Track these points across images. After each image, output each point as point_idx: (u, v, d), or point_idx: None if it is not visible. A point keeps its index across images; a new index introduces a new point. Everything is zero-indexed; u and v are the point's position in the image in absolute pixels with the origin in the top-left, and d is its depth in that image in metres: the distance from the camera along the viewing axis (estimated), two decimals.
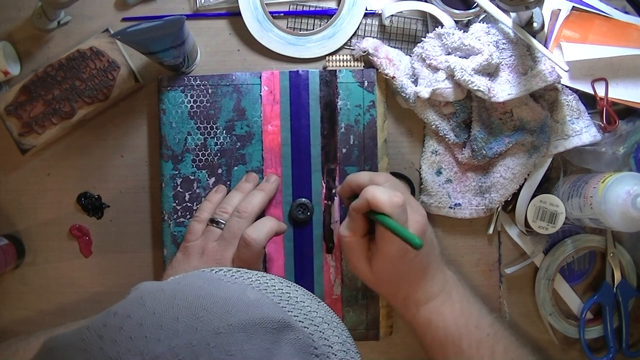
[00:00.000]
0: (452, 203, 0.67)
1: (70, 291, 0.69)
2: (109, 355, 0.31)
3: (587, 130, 0.63)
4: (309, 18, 0.68)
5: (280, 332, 0.34)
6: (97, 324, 0.33)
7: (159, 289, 0.36)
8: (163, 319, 0.32)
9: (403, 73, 0.66)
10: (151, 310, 0.33)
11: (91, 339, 0.32)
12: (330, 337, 0.38)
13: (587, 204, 0.61)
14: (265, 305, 0.36)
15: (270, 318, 0.34)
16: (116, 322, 0.33)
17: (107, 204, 0.69)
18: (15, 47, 0.68)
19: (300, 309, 0.40)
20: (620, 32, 0.64)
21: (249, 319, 0.33)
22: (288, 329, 0.35)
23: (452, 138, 0.66)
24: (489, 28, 0.64)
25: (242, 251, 0.58)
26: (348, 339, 0.40)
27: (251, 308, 0.35)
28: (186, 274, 0.43)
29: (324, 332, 0.38)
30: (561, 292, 0.69)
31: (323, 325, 0.39)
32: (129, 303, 0.35)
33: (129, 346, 0.31)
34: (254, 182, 0.65)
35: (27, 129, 0.66)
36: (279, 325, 0.34)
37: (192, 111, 0.65)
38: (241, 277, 0.42)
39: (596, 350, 0.69)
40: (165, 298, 0.35)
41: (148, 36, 0.55)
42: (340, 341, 0.39)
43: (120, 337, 0.32)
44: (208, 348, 0.31)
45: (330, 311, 0.42)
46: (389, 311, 0.66)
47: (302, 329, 0.37)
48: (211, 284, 0.37)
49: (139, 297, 0.35)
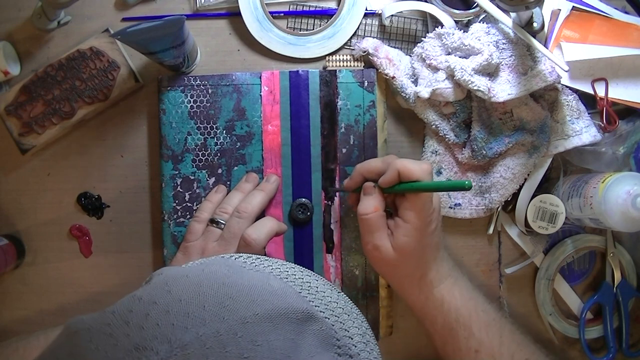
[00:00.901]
0: (452, 203, 0.67)
1: (70, 291, 0.69)
2: (136, 342, 0.30)
3: (587, 130, 0.63)
4: (309, 18, 0.68)
5: (304, 323, 0.34)
6: (123, 308, 0.33)
7: (183, 275, 0.36)
8: (190, 307, 0.32)
9: (403, 73, 0.66)
10: (177, 297, 0.33)
11: (117, 324, 0.32)
12: (350, 328, 0.38)
13: (587, 204, 0.61)
14: (288, 295, 0.36)
15: (295, 308, 0.34)
16: (142, 308, 0.32)
17: (107, 204, 0.69)
18: (15, 47, 0.69)
19: (321, 299, 0.40)
20: (620, 32, 0.64)
21: (274, 309, 0.33)
22: (311, 319, 0.35)
23: (452, 138, 0.66)
24: (489, 28, 0.64)
25: (242, 251, 0.58)
26: (367, 331, 0.41)
27: (276, 297, 0.35)
28: (208, 260, 0.42)
29: (344, 322, 0.38)
30: (561, 292, 0.69)
31: (343, 316, 0.39)
32: (153, 289, 0.34)
33: (156, 333, 0.31)
34: (254, 182, 0.65)
35: (27, 129, 0.66)
36: (302, 315, 0.34)
37: (192, 111, 0.65)
38: (262, 265, 0.41)
39: (596, 350, 0.69)
40: (190, 285, 0.34)
41: (148, 36, 0.55)
42: (360, 332, 0.39)
43: (147, 323, 0.31)
44: (235, 338, 0.31)
45: (349, 302, 0.42)
46: (389, 311, 0.66)
47: (325, 320, 0.37)
48: (235, 272, 0.37)
49: (163, 283, 0.35)
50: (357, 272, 0.66)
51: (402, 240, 0.56)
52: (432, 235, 0.57)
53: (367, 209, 0.57)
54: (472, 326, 0.57)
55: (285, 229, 0.63)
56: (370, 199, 0.57)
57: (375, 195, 0.57)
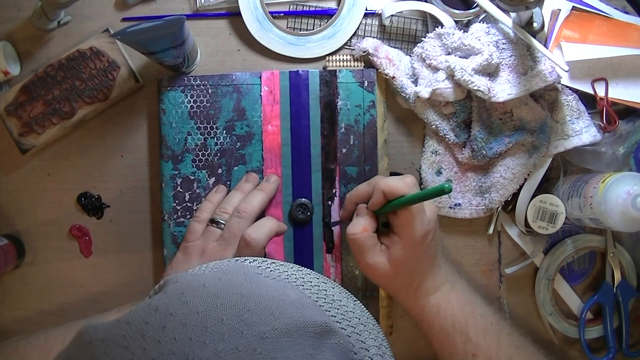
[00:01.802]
0: (452, 203, 0.67)
1: (70, 291, 0.69)
2: (153, 356, 0.30)
3: (587, 130, 0.63)
4: (309, 18, 0.68)
5: (322, 337, 0.33)
6: (138, 319, 0.32)
7: (200, 284, 0.35)
8: (208, 320, 0.31)
9: (403, 73, 0.66)
10: (195, 309, 0.32)
11: (133, 337, 0.31)
12: (367, 340, 0.38)
13: (587, 204, 0.61)
14: (306, 306, 0.35)
15: (313, 322, 0.33)
16: (159, 320, 0.32)
17: (107, 204, 0.69)
18: (15, 47, 0.69)
19: (338, 308, 0.39)
20: (620, 32, 0.64)
21: (292, 323, 0.33)
22: (329, 333, 0.34)
23: (452, 138, 0.66)
24: (489, 28, 0.64)
25: (242, 251, 0.58)
26: (384, 342, 0.40)
27: (294, 309, 0.34)
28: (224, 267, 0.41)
29: (360, 334, 0.38)
30: (561, 292, 0.69)
31: (360, 327, 0.38)
32: (170, 299, 0.33)
33: (173, 348, 0.30)
34: (254, 182, 0.65)
35: (27, 129, 0.66)
36: (321, 329, 0.34)
37: (192, 111, 0.65)
38: (277, 271, 0.41)
39: (596, 350, 0.69)
40: (208, 296, 0.33)
41: (148, 36, 0.55)
42: (377, 344, 0.39)
43: (163, 337, 0.30)
44: (254, 354, 0.30)
45: (365, 311, 0.42)
46: (389, 311, 0.66)
47: (342, 332, 0.36)
48: (252, 281, 0.36)
49: (180, 293, 0.34)
50: (357, 272, 0.66)
51: (398, 255, 0.56)
52: (429, 247, 0.57)
53: (355, 229, 0.57)
54: (469, 331, 0.57)
55: (285, 229, 0.63)
56: (359, 219, 0.57)
57: (364, 217, 0.57)
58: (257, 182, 0.65)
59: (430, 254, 0.57)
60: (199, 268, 0.43)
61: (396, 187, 0.54)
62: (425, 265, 0.58)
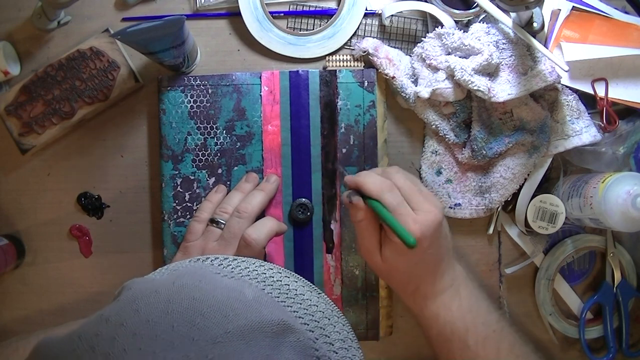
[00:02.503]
0: (452, 203, 0.67)
1: (70, 291, 0.69)
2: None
3: (587, 130, 0.63)
4: (309, 18, 0.68)
5: (279, 336, 0.33)
6: (89, 332, 0.32)
7: (153, 290, 0.34)
8: (158, 328, 0.31)
9: (403, 73, 0.66)
10: (145, 317, 0.31)
11: (83, 350, 0.31)
12: (331, 334, 0.37)
13: (587, 204, 0.61)
14: (264, 304, 0.35)
15: (269, 321, 0.33)
16: (109, 332, 0.31)
17: (107, 204, 0.69)
18: (15, 47, 0.69)
19: (300, 302, 0.38)
20: (620, 32, 0.64)
21: (247, 324, 0.32)
22: (288, 331, 0.33)
23: (452, 138, 0.66)
24: (489, 28, 0.64)
25: (242, 251, 0.58)
26: (349, 334, 0.39)
27: (249, 310, 0.33)
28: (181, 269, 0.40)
29: (324, 328, 0.37)
30: (561, 292, 0.69)
31: (324, 320, 0.38)
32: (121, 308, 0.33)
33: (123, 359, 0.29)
34: (254, 182, 0.65)
35: (27, 129, 0.66)
36: (278, 328, 0.33)
37: (192, 111, 0.65)
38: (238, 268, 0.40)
39: (596, 350, 0.69)
40: (159, 302, 0.33)
41: (148, 36, 0.55)
42: (342, 337, 0.38)
43: (113, 349, 0.30)
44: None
45: (330, 303, 0.41)
46: (389, 311, 0.66)
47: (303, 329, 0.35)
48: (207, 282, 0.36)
49: (131, 301, 0.33)
50: (357, 272, 0.66)
51: (388, 256, 0.54)
52: (425, 253, 0.54)
53: (357, 216, 0.55)
54: (468, 339, 0.55)
55: (285, 229, 0.63)
56: (356, 209, 0.55)
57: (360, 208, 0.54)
58: (257, 182, 0.65)
59: (429, 260, 0.55)
60: (159, 271, 0.42)
61: (365, 183, 0.52)
62: (422, 270, 0.55)
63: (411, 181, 0.55)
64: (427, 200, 0.54)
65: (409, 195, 0.53)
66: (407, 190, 0.54)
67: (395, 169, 0.57)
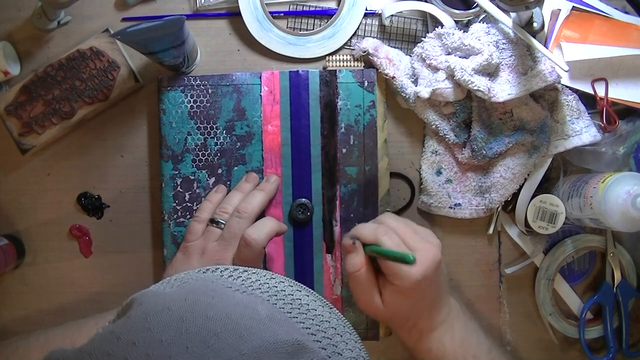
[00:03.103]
0: (452, 203, 0.67)
1: (70, 291, 0.69)
2: None
3: (587, 130, 0.63)
4: (309, 18, 0.68)
5: (293, 356, 0.32)
6: (100, 350, 0.31)
7: (165, 307, 0.33)
8: (172, 349, 0.30)
9: (403, 73, 0.66)
10: (158, 337, 0.31)
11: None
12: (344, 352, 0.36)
13: (587, 204, 0.61)
14: (277, 322, 0.34)
15: (284, 341, 0.32)
16: (120, 351, 0.30)
17: (107, 204, 0.69)
18: (15, 47, 0.69)
19: (312, 318, 0.38)
20: (620, 32, 0.64)
21: (261, 345, 0.31)
22: (302, 351, 0.33)
23: (452, 138, 0.66)
24: (489, 28, 0.64)
25: (242, 251, 0.58)
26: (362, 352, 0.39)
27: (264, 329, 0.33)
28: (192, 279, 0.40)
29: (337, 345, 0.36)
30: (561, 292, 0.69)
31: (336, 337, 0.37)
32: (132, 325, 0.32)
33: None
34: (253, 182, 0.65)
35: (27, 129, 0.66)
36: (292, 348, 0.32)
37: (192, 111, 0.65)
38: (249, 280, 0.40)
39: (596, 350, 0.69)
40: (172, 321, 0.32)
41: (148, 36, 0.55)
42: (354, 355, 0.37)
43: None
44: None
45: (342, 318, 0.40)
46: None
47: (315, 347, 0.35)
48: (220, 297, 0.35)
49: (143, 318, 0.33)
50: None
51: (391, 300, 0.54)
52: (424, 292, 0.54)
53: (354, 267, 0.54)
54: None
55: (286, 229, 0.63)
56: (356, 255, 0.55)
57: (354, 252, 0.55)
58: (257, 182, 0.65)
59: (428, 298, 0.55)
60: (168, 282, 0.41)
61: (362, 234, 0.54)
62: (421, 307, 0.56)
63: (404, 223, 0.56)
64: (424, 240, 0.54)
65: (405, 237, 0.54)
66: (402, 232, 0.54)
67: (385, 215, 0.58)
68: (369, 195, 0.65)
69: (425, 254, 0.53)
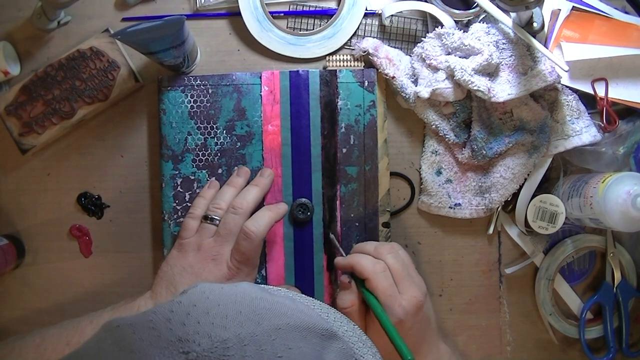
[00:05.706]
0: (452, 203, 0.67)
1: (70, 291, 0.69)
2: (178, 335, 0.32)
3: (587, 130, 0.63)
4: (309, 18, 0.68)
5: (328, 339, 0.36)
6: (163, 309, 0.35)
7: (218, 287, 0.38)
8: (228, 310, 0.34)
9: (403, 73, 0.66)
10: (215, 302, 0.35)
11: (159, 321, 0.33)
12: (365, 355, 0.40)
13: (587, 204, 0.61)
14: (313, 315, 0.38)
15: (320, 325, 0.36)
16: (183, 309, 0.34)
17: (107, 204, 0.69)
18: (15, 47, 0.68)
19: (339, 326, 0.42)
20: (620, 32, 0.64)
21: (302, 323, 0.35)
22: (334, 337, 0.37)
23: (452, 138, 0.66)
24: (489, 28, 0.64)
25: (241, 244, 0.58)
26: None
27: (303, 314, 0.37)
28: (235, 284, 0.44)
29: (359, 350, 0.40)
30: (561, 292, 0.69)
31: (359, 344, 0.41)
32: (191, 295, 0.36)
33: (197, 329, 0.32)
34: (245, 177, 0.64)
35: (27, 129, 0.66)
36: (327, 333, 0.36)
37: (192, 111, 0.65)
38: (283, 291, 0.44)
39: (596, 350, 0.69)
40: (227, 294, 0.36)
41: (148, 36, 0.55)
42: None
43: (188, 320, 0.33)
44: (270, 340, 0.33)
45: (363, 333, 0.44)
46: None
47: (346, 339, 0.38)
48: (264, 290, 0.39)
49: (201, 292, 0.37)
50: None
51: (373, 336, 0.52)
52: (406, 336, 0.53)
53: (344, 303, 0.56)
54: None
55: (285, 209, 0.63)
56: (348, 293, 0.56)
57: (353, 289, 0.56)
58: (249, 176, 0.65)
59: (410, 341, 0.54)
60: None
61: (359, 266, 0.54)
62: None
63: (402, 264, 0.56)
64: (412, 286, 0.55)
65: (398, 279, 0.55)
66: (397, 274, 0.55)
67: (387, 249, 0.57)
68: (369, 195, 0.65)
69: (409, 300, 0.54)
